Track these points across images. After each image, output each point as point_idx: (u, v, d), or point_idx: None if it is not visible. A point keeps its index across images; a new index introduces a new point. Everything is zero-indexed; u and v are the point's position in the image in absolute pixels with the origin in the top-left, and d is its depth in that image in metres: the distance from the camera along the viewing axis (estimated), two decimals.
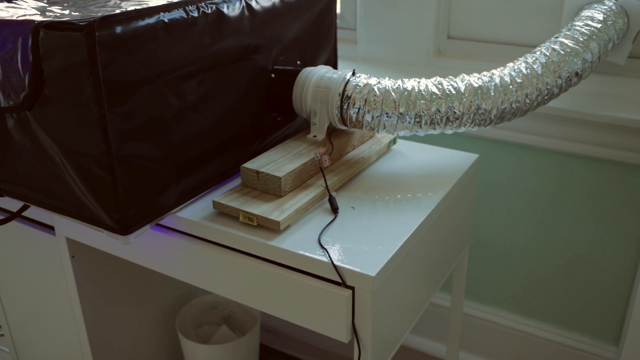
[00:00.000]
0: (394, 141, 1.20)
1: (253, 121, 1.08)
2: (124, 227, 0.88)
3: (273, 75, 1.10)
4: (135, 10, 0.83)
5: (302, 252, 0.87)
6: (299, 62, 1.17)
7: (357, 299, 0.84)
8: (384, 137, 1.19)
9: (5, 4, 1.00)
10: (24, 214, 1.16)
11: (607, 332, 1.42)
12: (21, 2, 1.02)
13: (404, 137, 1.31)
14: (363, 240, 0.89)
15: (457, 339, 1.35)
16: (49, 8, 0.96)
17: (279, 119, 1.15)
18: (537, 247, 1.43)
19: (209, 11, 0.93)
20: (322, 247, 0.88)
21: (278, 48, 1.10)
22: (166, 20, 0.87)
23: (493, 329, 1.54)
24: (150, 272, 1.37)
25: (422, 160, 1.16)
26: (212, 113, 0.99)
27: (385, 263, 0.84)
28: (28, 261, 1.27)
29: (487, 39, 1.41)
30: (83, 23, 0.78)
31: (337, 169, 1.06)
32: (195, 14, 0.91)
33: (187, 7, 0.90)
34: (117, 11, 0.83)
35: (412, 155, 1.17)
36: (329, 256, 0.85)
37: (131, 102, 0.84)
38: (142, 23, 0.83)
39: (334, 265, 0.84)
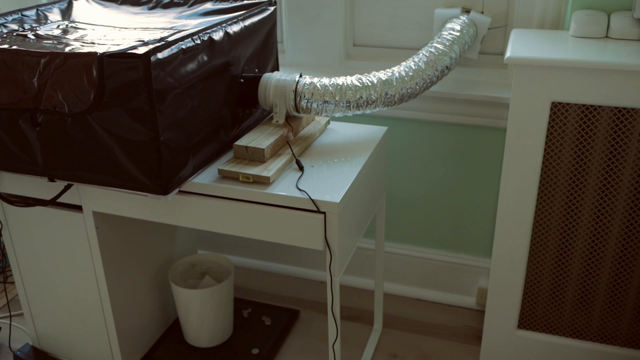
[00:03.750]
0: (328, 122, 1.68)
1: (232, 114, 1.52)
2: (164, 189, 1.29)
3: (242, 80, 1.54)
4: (166, 42, 1.25)
5: (287, 194, 1.32)
6: (256, 70, 1.61)
7: (327, 220, 1.31)
8: (322, 119, 1.67)
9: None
10: (58, 200, 1.51)
11: (483, 249, 1.99)
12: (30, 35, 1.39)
13: (336, 119, 1.79)
14: (324, 184, 1.36)
15: (381, 272, 1.84)
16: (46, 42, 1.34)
17: (247, 111, 1.59)
18: (429, 194, 1.97)
19: (206, 38, 1.36)
20: (300, 190, 1.34)
21: (243, 61, 1.54)
22: (184, 47, 1.29)
23: (403, 259, 2.07)
24: (145, 239, 1.75)
25: (349, 134, 1.64)
26: (209, 109, 1.41)
27: (344, 194, 1.32)
28: (55, 241, 1.61)
29: (382, 45, 1.93)
30: (139, 53, 1.18)
31: (295, 143, 1.53)
32: (198, 41, 1.33)
33: (193, 37, 1.32)
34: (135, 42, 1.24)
35: (342, 131, 1.66)
36: (307, 194, 1.31)
37: (167, 103, 1.26)
38: (171, 49, 1.25)
39: (311, 199, 1.30)
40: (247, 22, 1.53)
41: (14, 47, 1.31)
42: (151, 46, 1.21)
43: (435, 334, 1.92)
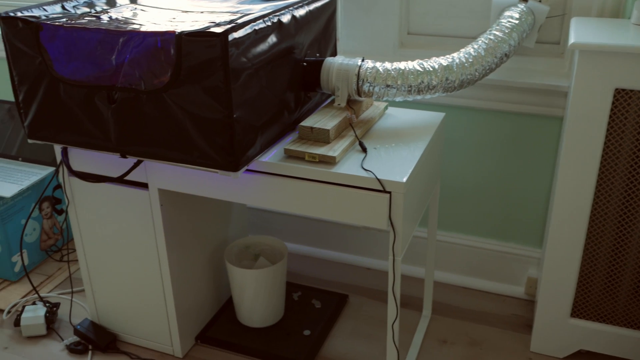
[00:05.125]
0: (386, 107, 1.70)
1: (295, 96, 1.55)
2: (235, 166, 1.33)
3: (305, 64, 1.57)
4: (240, 22, 1.28)
5: (354, 174, 1.35)
6: (318, 55, 1.64)
7: (392, 199, 1.34)
8: (380, 104, 1.69)
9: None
10: (125, 178, 1.56)
11: (533, 239, 1.99)
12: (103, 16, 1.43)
13: (393, 104, 1.81)
14: (388, 166, 1.39)
15: (433, 260, 1.86)
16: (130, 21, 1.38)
17: (308, 95, 1.62)
18: (481, 182, 1.98)
19: (275, 20, 1.39)
20: (365, 170, 1.36)
21: (306, 45, 1.57)
22: (256, 28, 1.32)
23: (452, 248, 2.08)
24: (204, 220, 1.79)
25: (407, 119, 1.67)
26: (276, 90, 1.45)
27: (409, 175, 1.34)
28: (119, 218, 1.66)
29: (436, 34, 1.94)
30: (217, 31, 1.22)
31: (357, 126, 1.55)
32: (269, 23, 1.37)
33: (264, 19, 1.36)
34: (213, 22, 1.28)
35: (400, 116, 1.68)
36: (374, 174, 1.34)
37: (240, 82, 1.29)
38: (245, 29, 1.28)
39: (378, 179, 1.33)
40: (312, 6, 1.56)
41: (94, 26, 1.36)
42: (227, 26, 1.25)
43: (484, 322, 1.93)
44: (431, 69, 1.54)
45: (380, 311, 1.99)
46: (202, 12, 1.56)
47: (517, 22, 1.69)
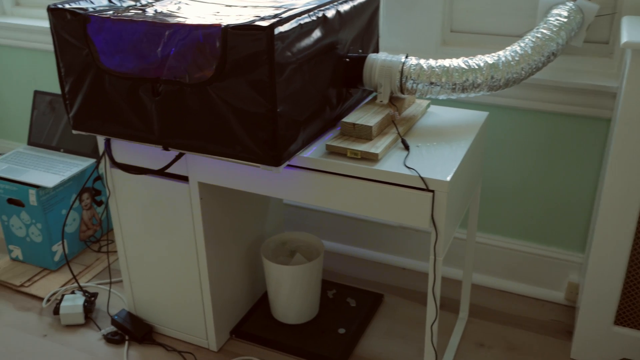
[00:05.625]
0: (428, 105, 1.68)
1: (337, 92, 1.54)
2: (277, 161, 1.33)
3: (347, 60, 1.56)
4: (286, 17, 1.27)
5: (396, 171, 1.33)
6: (360, 51, 1.63)
7: (435, 198, 1.31)
8: (422, 102, 1.67)
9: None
10: (166, 170, 1.57)
11: (575, 243, 1.94)
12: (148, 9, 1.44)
13: (436, 102, 1.78)
14: (431, 164, 1.37)
15: (471, 261, 1.82)
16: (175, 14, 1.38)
17: (349, 91, 1.61)
18: (522, 184, 1.94)
19: (320, 15, 1.38)
20: (408, 167, 1.34)
21: (349, 41, 1.56)
22: (302, 22, 1.31)
23: (491, 250, 2.04)
24: (242, 215, 1.80)
25: (450, 117, 1.64)
26: (318, 86, 1.44)
27: (453, 174, 1.32)
28: (159, 210, 1.67)
29: (480, 32, 1.91)
30: (263, 25, 1.21)
31: (399, 123, 1.53)
32: (314, 18, 1.36)
33: (309, 13, 1.35)
34: (258, 16, 1.27)
35: (443, 114, 1.66)
36: (417, 172, 1.32)
37: (285, 76, 1.28)
38: (291, 24, 1.27)
39: (421, 177, 1.31)
40: (356, 2, 1.55)
41: (140, 19, 1.36)
42: (273, 20, 1.24)
43: (522, 326, 1.89)
44: (476, 67, 1.51)
45: (416, 312, 1.97)
46: (245, 7, 1.55)
47: (565, 20, 1.64)
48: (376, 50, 1.75)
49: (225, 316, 1.82)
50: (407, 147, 1.44)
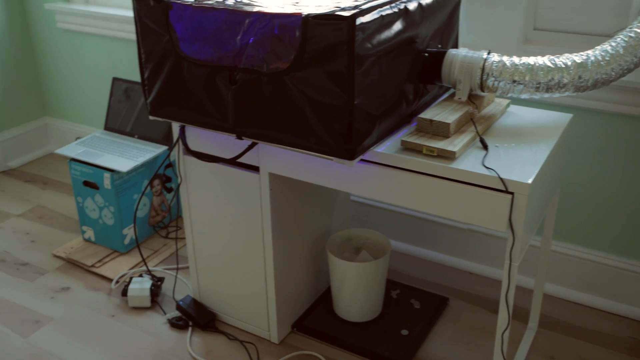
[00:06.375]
0: (508, 104, 1.61)
1: (414, 88, 1.50)
2: (351, 154, 1.30)
3: (426, 55, 1.51)
4: (368, 7, 1.25)
5: (474, 171, 1.28)
6: (439, 46, 1.58)
7: (515, 201, 1.26)
8: (502, 101, 1.61)
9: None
10: (238, 160, 1.57)
11: None
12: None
13: (516, 102, 1.71)
14: (511, 165, 1.31)
15: (544, 270, 1.74)
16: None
17: (426, 87, 1.56)
18: (605, 192, 1.84)
19: (402, 7, 1.35)
20: (487, 167, 1.29)
21: (429, 35, 1.52)
22: (383, 14, 1.28)
23: (566, 260, 1.95)
24: (310, 208, 1.78)
25: (531, 118, 1.57)
26: (396, 80, 1.40)
27: (535, 176, 1.26)
28: (229, 199, 1.68)
29: (566, 30, 1.82)
30: (345, 15, 1.19)
31: (477, 122, 1.48)
32: (396, 9, 1.32)
33: (391, 5, 1.31)
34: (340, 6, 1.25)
35: (523, 114, 1.59)
36: (496, 172, 1.26)
37: (363, 68, 1.26)
38: (372, 15, 1.25)
39: (500, 178, 1.25)
40: None
41: (220, 7, 1.37)
42: (354, 10, 1.21)
43: (597, 342, 1.80)
44: (563, 66, 1.43)
45: (482, 318, 1.90)
46: None
47: None
48: (455, 47, 1.70)
49: (288, 309, 1.82)
50: (485, 147, 1.39)
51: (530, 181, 1.24)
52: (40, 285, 2.09)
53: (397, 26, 1.34)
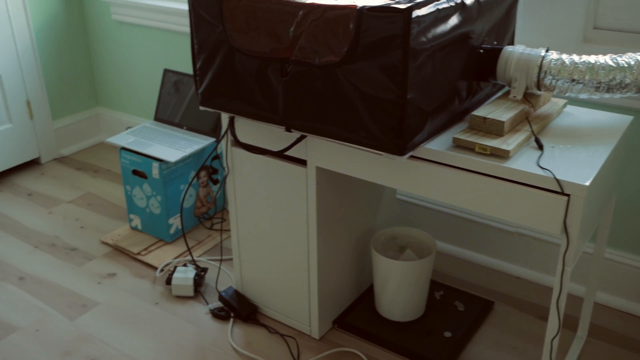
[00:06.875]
0: (565, 105, 1.56)
1: (467, 85, 1.46)
2: (402, 150, 1.28)
3: (481, 51, 1.48)
4: (424, 0, 1.22)
5: (529, 171, 1.24)
6: (495, 43, 1.54)
7: (570, 203, 1.21)
8: (559, 101, 1.56)
9: None
10: (285, 153, 1.57)
11: None
12: None
13: (573, 103, 1.66)
14: (567, 166, 1.26)
15: (596, 278, 1.68)
16: None
17: (479, 85, 1.53)
18: None
19: (459, 1, 1.32)
20: (542, 168, 1.25)
21: (485, 32, 1.48)
22: (440, 7, 1.25)
23: (620, 269, 1.88)
24: (355, 204, 1.77)
25: (589, 119, 1.51)
26: (449, 76, 1.37)
27: (593, 178, 1.21)
28: (275, 192, 1.68)
29: (629, 30, 1.75)
30: (401, 7, 1.17)
31: (532, 121, 1.43)
32: (452, 3, 1.29)
33: None
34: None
35: (580, 115, 1.53)
36: (552, 173, 1.22)
37: (417, 62, 1.23)
38: (429, 7, 1.22)
39: (556, 179, 1.21)
40: None
41: None
42: (410, 3, 1.19)
43: None
44: (626, 65, 1.38)
45: (528, 324, 1.85)
46: None
47: None
48: (511, 44, 1.66)
49: (330, 305, 1.80)
50: (540, 147, 1.34)
51: (587, 183, 1.19)
52: (88, 271, 2.13)
53: (453, 21, 1.31)
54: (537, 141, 1.35)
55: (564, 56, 1.41)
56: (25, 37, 2.72)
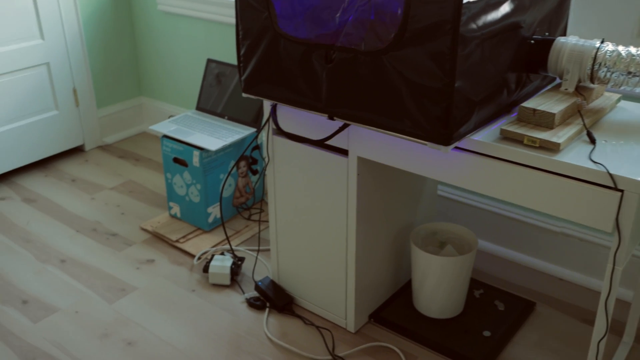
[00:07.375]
0: (619, 100, 1.50)
1: (517, 76, 1.42)
2: (447, 140, 1.25)
3: (532, 41, 1.43)
4: None
5: (580, 164, 1.20)
6: (547, 34, 1.49)
7: (624, 199, 1.16)
8: (612, 95, 1.50)
9: None
10: (327, 142, 1.55)
11: None
12: None
13: (627, 98, 1.60)
14: (620, 161, 1.21)
15: None
16: None
17: (528, 77, 1.48)
18: None
19: None
20: (594, 162, 1.20)
21: (536, 22, 1.43)
22: None
23: None
24: (396, 197, 1.74)
25: None
26: (498, 66, 1.33)
27: None
28: (314, 183, 1.67)
29: None
30: None
31: (585, 115, 1.38)
32: None
33: None
34: None
35: (635, 110, 1.47)
36: (605, 167, 1.17)
37: (466, 50, 1.20)
38: None
39: (610, 174, 1.16)
40: None
41: None
42: None
43: None
44: None
45: (571, 327, 1.79)
46: None
47: None
48: (563, 36, 1.60)
49: (366, 299, 1.78)
50: (592, 141, 1.29)
51: None
52: (127, 256, 2.16)
53: (505, 9, 1.28)
54: (589, 135, 1.30)
55: (620, 48, 1.35)
56: (74, 26, 2.77)
